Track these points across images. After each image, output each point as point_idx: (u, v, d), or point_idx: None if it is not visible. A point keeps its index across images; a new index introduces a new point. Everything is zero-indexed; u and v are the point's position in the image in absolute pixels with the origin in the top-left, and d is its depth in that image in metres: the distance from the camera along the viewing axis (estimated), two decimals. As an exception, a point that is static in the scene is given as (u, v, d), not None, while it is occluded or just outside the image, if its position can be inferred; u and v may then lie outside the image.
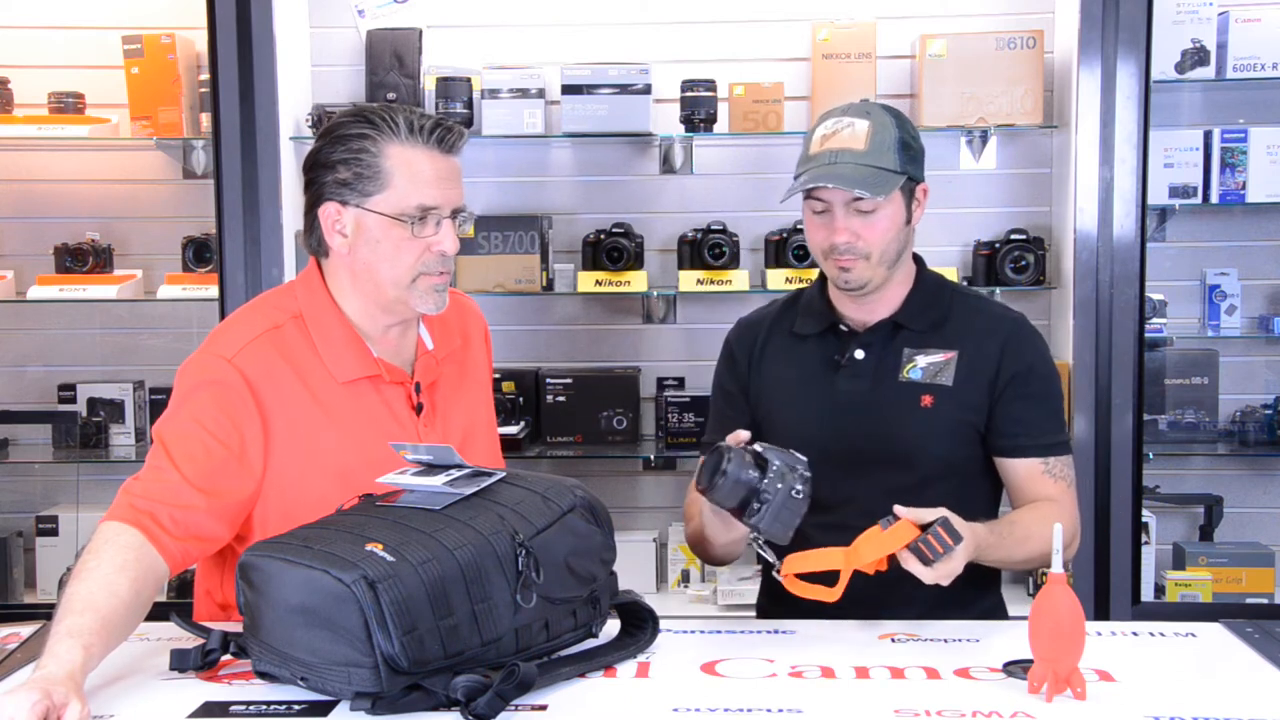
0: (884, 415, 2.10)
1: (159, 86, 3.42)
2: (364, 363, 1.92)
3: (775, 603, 2.11)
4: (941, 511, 1.76)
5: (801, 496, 1.76)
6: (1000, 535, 1.92)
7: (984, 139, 3.35)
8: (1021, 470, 2.10)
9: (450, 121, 1.90)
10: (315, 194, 1.90)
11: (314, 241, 1.93)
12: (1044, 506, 2.06)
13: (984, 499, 2.15)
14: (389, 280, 1.88)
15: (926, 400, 2.09)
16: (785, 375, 2.20)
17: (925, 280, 2.18)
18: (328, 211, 1.88)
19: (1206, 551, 3.35)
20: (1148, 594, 3.23)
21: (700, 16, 3.47)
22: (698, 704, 1.55)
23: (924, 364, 2.11)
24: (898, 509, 1.76)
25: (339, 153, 1.86)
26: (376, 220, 1.86)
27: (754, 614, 2.27)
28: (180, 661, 1.66)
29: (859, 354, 2.13)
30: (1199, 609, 3.17)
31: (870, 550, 1.75)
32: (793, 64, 3.42)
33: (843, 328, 2.16)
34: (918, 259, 2.20)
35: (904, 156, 2.06)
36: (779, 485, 1.75)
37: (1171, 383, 3.40)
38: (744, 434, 1.85)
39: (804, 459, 1.80)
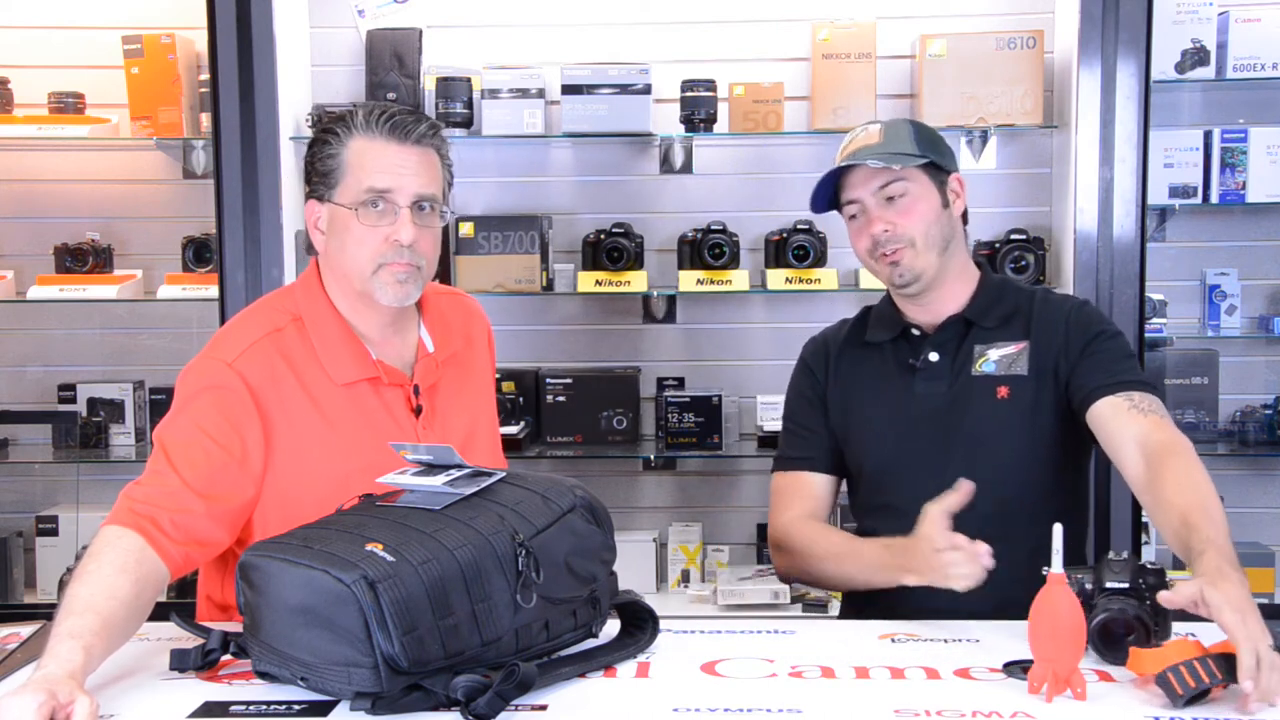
0: (962, 412, 2.11)
1: (159, 86, 3.42)
2: (362, 365, 1.93)
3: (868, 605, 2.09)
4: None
5: None
6: (1217, 528, 1.72)
7: (984, 139, 3.34)
8: (1105, 412, 2.00)
9: (417, 114, 1.93)
10: (307, 193, 1.96)
11: (307, 241, 1.99)
12: (1169, 472, 1.86)
13: (1067, 502, 2.12)
14: (354, 272, 1.90)
15: (1002, 392, 2.10)
16: (861, 385, 2.22)
17: (990, 281, 2.21)
18: (309, 209, 1.94)
19: (1207, 551, 3.35)
20: (1148, 594, 3.22)
21: (700, 16, 3.46)
22: (698, 704, 1.55)
23: (996, 357, 2.13)
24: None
25: (314, 150, 1.93)
26: (340, 212, 1.89)
27: (758, 614, 2.28)
28: (180, 661, 1.66)
29: (933, 356, 2.15)
30: (1199, 609, 3.17)
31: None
32: (793, 64, 3.41)
33: (914, 331, 2.19)
34: (980, 264, 2.23)
35: (923, 145, 2.12)
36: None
37: (1171, 383, 3.39)
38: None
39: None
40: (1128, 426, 1.97)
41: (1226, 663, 1.51)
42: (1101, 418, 2.02)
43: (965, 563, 1.81)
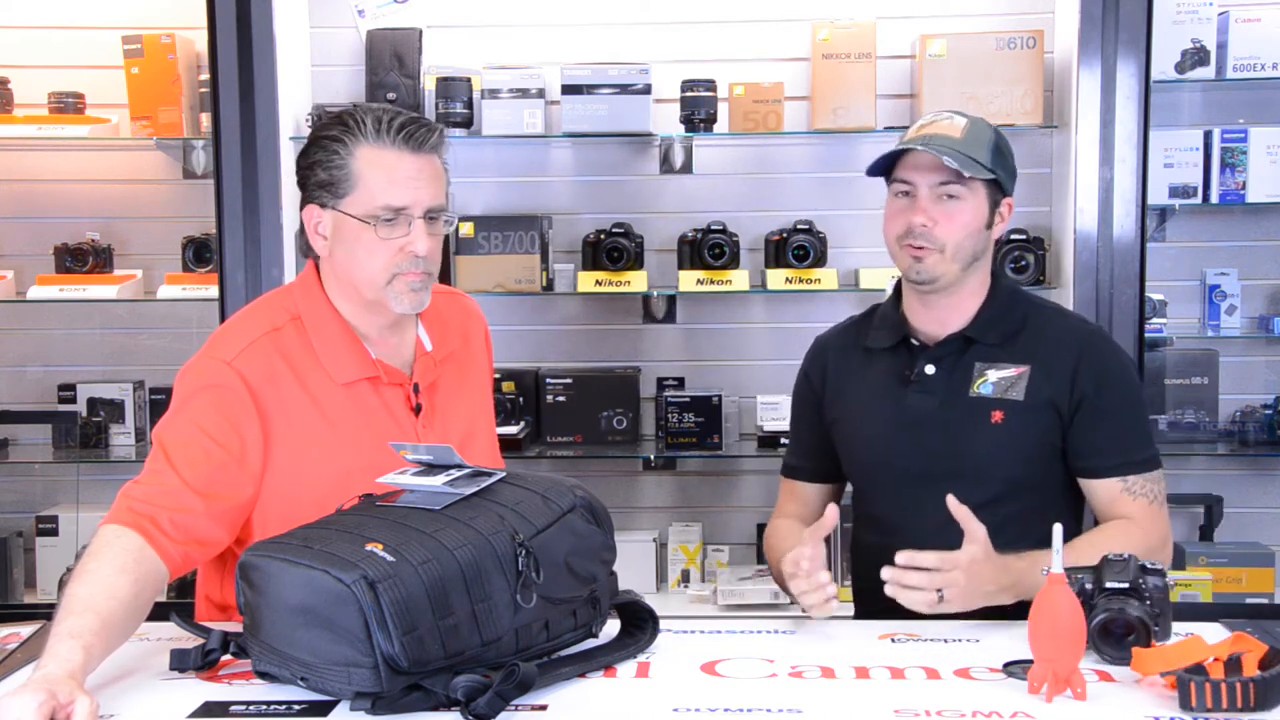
0: (953, 432, 2.08)
1: (159, 86, 3.42)
2: (362, 364, 1.93)
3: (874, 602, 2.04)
4: None
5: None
6: (1072, 555, 1.79)
7: (984, 139, 3.34)
8: (1100, 491, 2.08)
9: (424, 120, 1.89)
10: (303, 196, 1.92)
11: (303, 243, 1.95)
12: (1113, 527, 2.04)
13: (1065, 516, 2.09)
14: (365, 281, 1.88)
15: (997, 416, 2.07)
16: (856, 391, 2.20)
17: (999, 292, 2.16)
18: (310, 214, 1.91)
19: (1206, 551, 3.35)
20: (1148, 594, 3.22)
21: (700, 16, 3.46)
22: (698, 704, 1.55)
23: (995, 379, 2.09)
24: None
25: (316, 154, 1.88)
26: (349, 222, 1.86)
27: (758, 614, 2.28)
28: (180, 661, 1.66)
29: (929, 369, 2.12)
30: (1199, 609, 3.17)
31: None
32: (793, 64, 3.41)
33: (914, 342, 2.15)
34: (994, 273, 2.19)
35: (996, 159, 2.08)
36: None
37: (1171, 383, 3.39)
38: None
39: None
40: (1117, 510, 2.07)
41: (1256, 690, 1.48)
42: (1093, 494, 2.11)
43: (810, 591, 1.86)
